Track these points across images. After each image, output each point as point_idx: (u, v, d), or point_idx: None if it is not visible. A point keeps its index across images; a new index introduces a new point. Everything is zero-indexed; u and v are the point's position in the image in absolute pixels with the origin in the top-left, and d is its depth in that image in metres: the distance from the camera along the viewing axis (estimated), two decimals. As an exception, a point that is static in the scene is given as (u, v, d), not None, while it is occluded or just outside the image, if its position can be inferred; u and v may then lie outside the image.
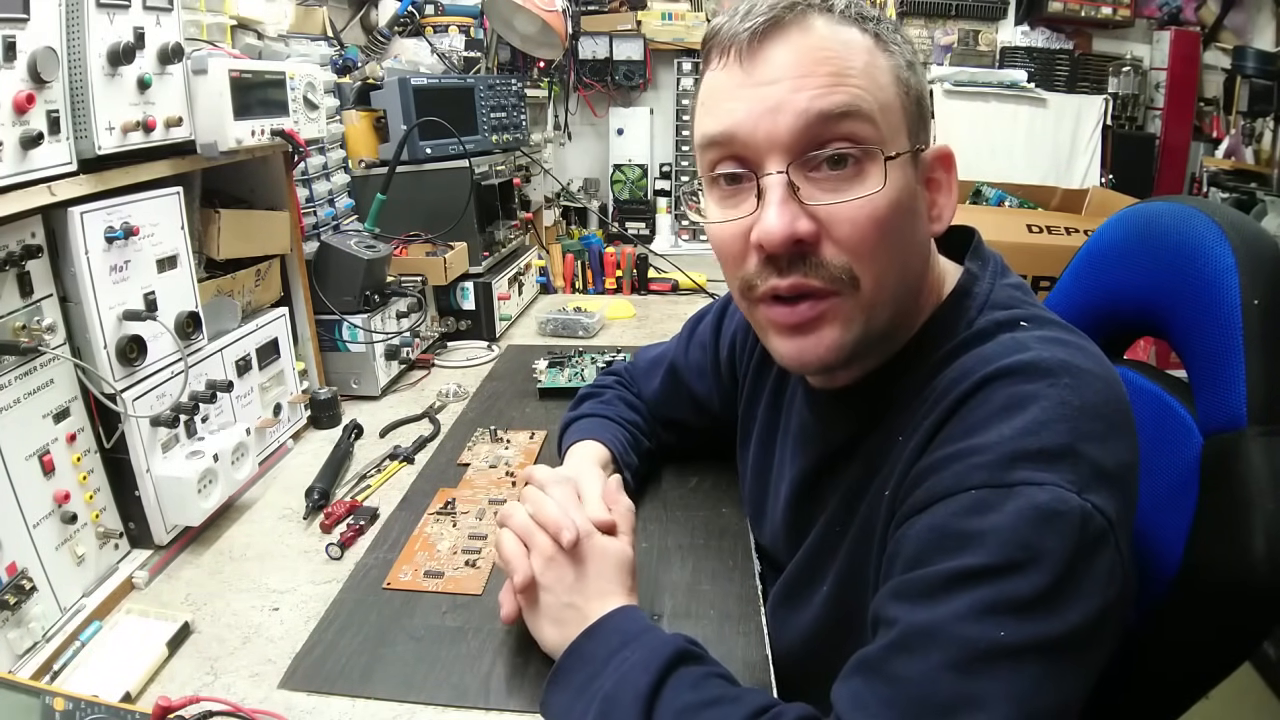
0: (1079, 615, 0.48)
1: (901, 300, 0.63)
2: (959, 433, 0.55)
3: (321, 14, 1.68)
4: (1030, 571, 0.48)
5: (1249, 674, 1.88)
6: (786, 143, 0.57)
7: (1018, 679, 0.46)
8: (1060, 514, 0.49)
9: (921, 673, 0.48)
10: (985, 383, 0.56)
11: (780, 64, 0.57)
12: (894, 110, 0.59)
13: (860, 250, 0.58)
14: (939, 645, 0.48)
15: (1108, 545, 0.50)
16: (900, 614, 0.51)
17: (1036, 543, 0.48)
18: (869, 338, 0.61)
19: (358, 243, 1.31)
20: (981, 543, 0.49)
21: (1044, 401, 0.53)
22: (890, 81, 0.59)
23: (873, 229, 0.57)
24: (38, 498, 0.74)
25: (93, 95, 0.77)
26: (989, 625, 0.47)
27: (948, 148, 0.64)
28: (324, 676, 0.70)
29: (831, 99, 0.56)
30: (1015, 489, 0.50)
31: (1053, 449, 0.51)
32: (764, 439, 0.86)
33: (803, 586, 0.72)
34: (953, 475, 0.53)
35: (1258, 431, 0.63)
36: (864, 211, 0.57)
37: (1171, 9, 3.13)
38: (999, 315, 0.62)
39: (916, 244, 0.63)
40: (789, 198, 0.57)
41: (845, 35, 0.58)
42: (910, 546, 0.53)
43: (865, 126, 0.57)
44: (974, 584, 0.48)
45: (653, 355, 1.05)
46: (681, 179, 3.06)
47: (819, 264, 0.58)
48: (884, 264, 0.59)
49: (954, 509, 0.52)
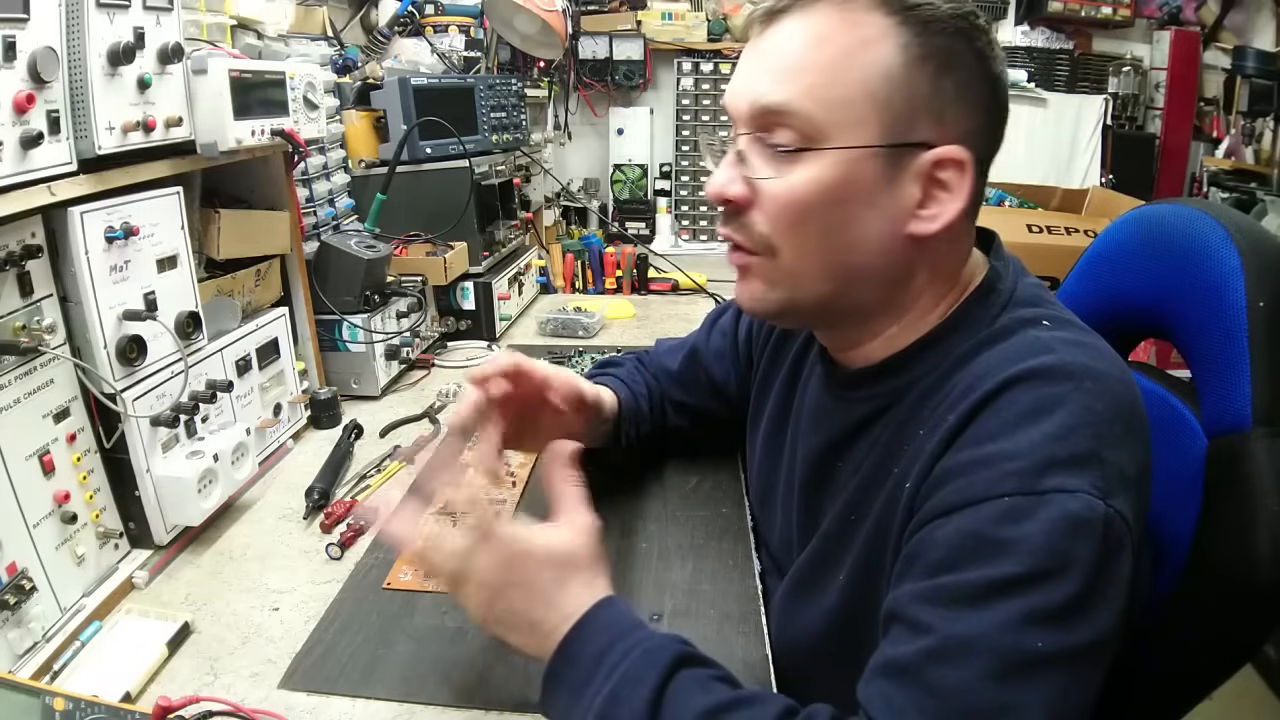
0: (1104, 621, 0.49)
1: (846, 283, 0.64)
2: (985, 434, 0.55)
3: (321, 14, 1.68)
4: (1062, 580, 0.49)
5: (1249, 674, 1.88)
6: (744, 119, 0.63)
7: (1051, 687, 0.48)
8: (1089, 521, 0.50)
9: (961, 682, 0.48)
10: (1010, 384, 0.56)
11: (767, 48, 0.63)
12: (859, 104, 0.58)
13: (778, 225, 0.63)
14: (978, 655, 0.48)
15: (1127, 549, 0.51)
16: (935, 621, 0.51)
17: (1068, 551, 0.49)
18: (796, 304, 0.66)
19: (358, 243, 1.31)
20: (1016, 551, 0.50)
21: (1071, 405, 0.53)
22: (876, 75, 0.58)
23: (791, 210, 0.62)
24: (38, 498, 0.74)
25: (93, 95, 0.77)
26: (1026, 635, 0.48)
27: (963, 151, 0.60)
28: (324, 676, 0.69)
29: (770, 96, 0.61)
30: (1047, 496, 0.50)
31: (1081, 455, 0.52)
32: (775, 422, 0.86)
33: (817, 575, 0.71)
34: (984, 481, 0.53)
35: (1262, 433, 0.63)
36: (786, 192, 0.61)
37: (1171, 9, 3.13)
38: (1023, 313, 0.63)
39: (866, 237, 0.62)
40: (735, 162, 0.64)
41: (849, 20, 0.59)
42: (939, 550, 0.53)
43: (798, 122, 0.60)
44: (1011, 593, 0.49)
45: (674, 342, 1.08)
46: (682, 179, 3.06)
47: (743, 225, 0.64)
48: (805, 244, 0.63)
49: (987, 515, 0.52)
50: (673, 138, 3.06)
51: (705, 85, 2.97)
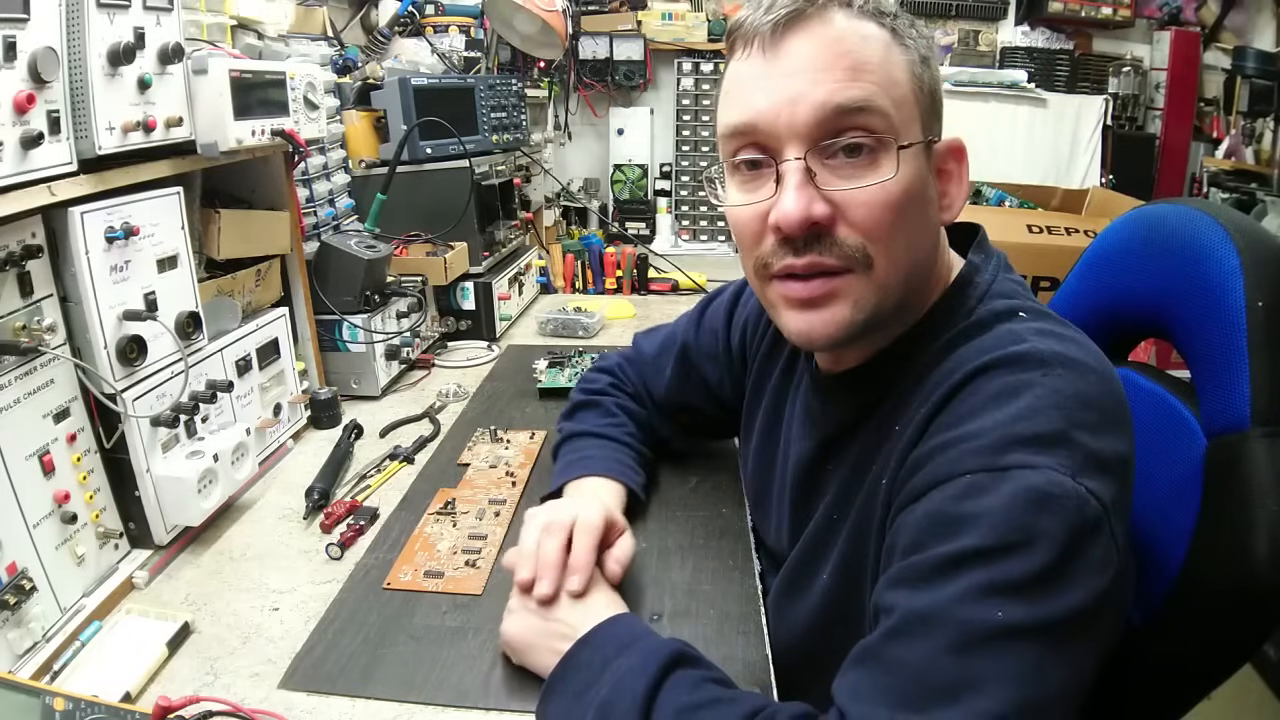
0: (1075, 599, 0.48)
1: (911, 283, 0.64)
2: (952, 420, 0.56)
3: (321, 14, 1.68)
4: (1026, 553, 0.48)
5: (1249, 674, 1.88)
6: (804, 133, 0.59)
7: (1015, 660, 0.47)
8: (1054, 496, 0.49)
9: (919, 657, 0.48)
10: (978, 373, 0.56)
11: (800, 56, 0.59)
12: (907, 103, 0.61)
13: (874, 232, 0.60)
14: (936, 629, 0.48)
15: (1102, 532, 0.50)
16: (898, 600, 0.51)
17: (1032, 524, 0.48)
18: (877, 318, 0.63)
19: (358, 243, 1.31)
20: (976, 525, 0.49)
21: (1038, 390, 0.53)
22: (905, 75, 0.61)
23: (886, 212, 0.59)
24: (38, 498, 0.74)
25: (93, 95, 0.77)
26: (986, 607, 0.47)
27: (959, 140, 0.66)
28: (324, 676, 0.69)
29: (848, 93, 0.58)
30: (1009, 472, 0.50)
31: (1046, 434, 0.51)
32: (768, 425, 0.86)
33: (803, 576, 0.72)
34: (946, 461, 0.54)
35: (1261, 433, 0.63)
36: (878, 196, 0.59)
37: (1171, 9, 3.13)
38: (998, 305, 0.63)
39: (927, 230, 0.64)
40: (806, 182, 0.59)
41: (863, 29, 0.60)
42: (907, 535, 0.54)
43: (879, 119, 0.59)
44: (970, 566, 0.49)
45: (659, 341, 1.04)
46: (682, 179, 3.06)
47: (834, 243, 0.60)
48: (897, 246, 0.61)
49: (948, 494, 0.52)
50: (673, 138, 3.06)
51: (705, 85, 2.97)
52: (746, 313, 0.94)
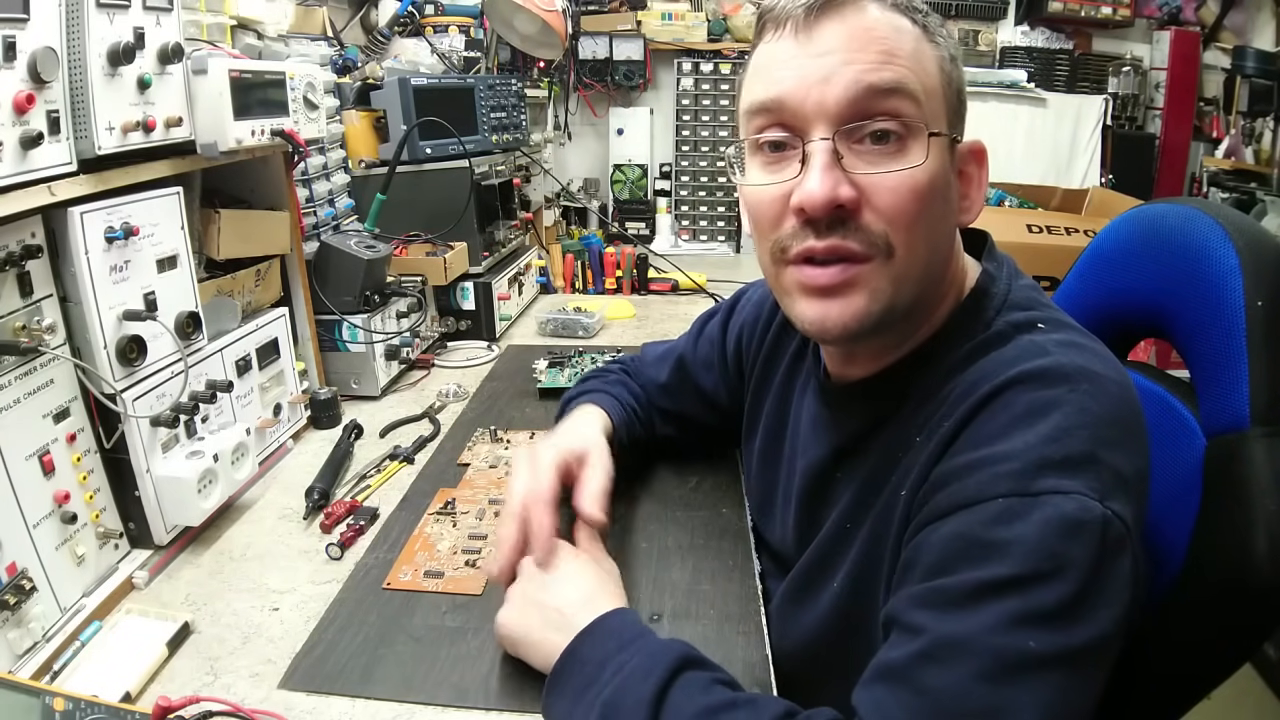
0: (1102, 623, 0.49)
1: (926, 281, 0.63)
2: (980, 438, 0.55)
3: (321, 14, 1.68)
4: (1056, 582, 0.48)
5: (1249, 674, 1.88)
6: (834, 112, 0.58)
7: (1045, 688, 0.47)
8: (1084, 523, 0.49)
9: (951, 684, 0.48)
10: (1005, 387, 0.56)
11: (834, 38, 0.59)
12: (936, 95, 0.61)
13: (899, 220, 0.59)
14: (968, 656, 0.48)
15: (1126, 552, 0.50)
16: (927, 622, 0.51)
17: (1063, 553, 0.49)
18: (892, 313, 0.62)
19: (358, 243, 1.31)
20: (1009, 553, 0.49)
21: (1065, 408, 0.53)
22: (935, 69, 0.61)
23: (912, 200, 0.59)
24: (38, 498, 0.74)
25: (93, 95, 0.77)
26: (1018, 636, 0.48)
27: (981, 143, 0.65)
28: (324, 676, 0.69)
29: (881, 74, 0.58)
30: (1041, 498, 0.50)
31: (1076, 457, 0.51)
32: (771, 432, 0.86)
33: (812, 583, 0.72)
34: (976, 483, 0.53)
35: (1261, 433, 0.63)
36: (905, 183, 0.58)
37: (1171, 9, 3.13)
38: (1017, 316, 0.63)
39: (946, 228, 0.64)
40: (833, 164, 0.58)
41: (896, 21, 0.60)
42: (933, 554, 0.53)
43: (910, 104, 0.58)
44: (1003, 595, 0.49)
45: (661, 349, 1.06)
46: (682, 179, 3.06)
47: (858, 228, 0.59)
48: (919, 236, 0.60)
49: (980, 517, 0.52)
50: (673, 138, 3.05)
51: (705, 85, 2.97)
52: (743, 318, 0.94)
